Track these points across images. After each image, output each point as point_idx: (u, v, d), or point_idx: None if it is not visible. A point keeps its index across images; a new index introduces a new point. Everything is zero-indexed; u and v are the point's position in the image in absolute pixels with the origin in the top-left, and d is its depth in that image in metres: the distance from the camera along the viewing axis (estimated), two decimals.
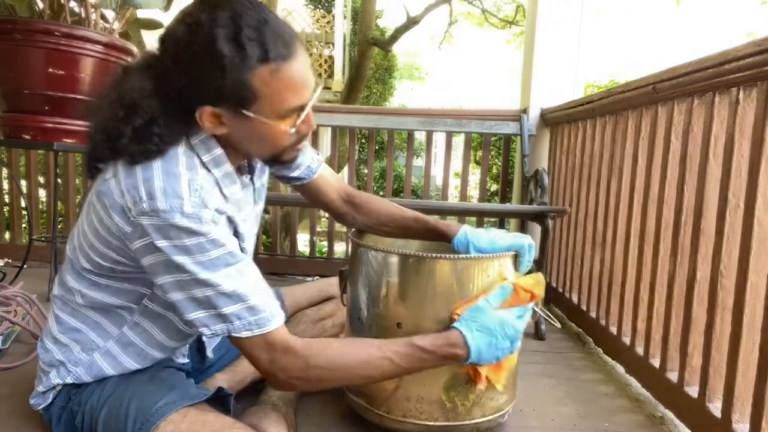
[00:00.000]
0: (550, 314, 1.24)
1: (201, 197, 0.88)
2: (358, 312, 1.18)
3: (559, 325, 1.25)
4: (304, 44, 0.91)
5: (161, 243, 0.86)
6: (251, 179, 1.06)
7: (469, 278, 1.09)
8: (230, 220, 0.95)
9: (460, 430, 1.15)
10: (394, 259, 1.12)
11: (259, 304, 0.90)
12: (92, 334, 1.02)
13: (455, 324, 1.02)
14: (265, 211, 1.38)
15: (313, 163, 1.21)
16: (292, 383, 0.94)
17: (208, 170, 0.94)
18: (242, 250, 0.99)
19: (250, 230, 1.07)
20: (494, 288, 1.06)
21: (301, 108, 0.90)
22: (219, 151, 0.95)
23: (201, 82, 0.84)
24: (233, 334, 0.90)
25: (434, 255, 1.10)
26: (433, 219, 1.27)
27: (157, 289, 0.94)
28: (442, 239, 1.23)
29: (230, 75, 0.82)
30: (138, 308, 1.02)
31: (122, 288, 1.00)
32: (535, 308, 1.16)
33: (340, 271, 1.29)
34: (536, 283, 1.08)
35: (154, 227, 0.86)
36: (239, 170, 1.03)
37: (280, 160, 0.99)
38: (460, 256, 1.11)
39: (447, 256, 1.09)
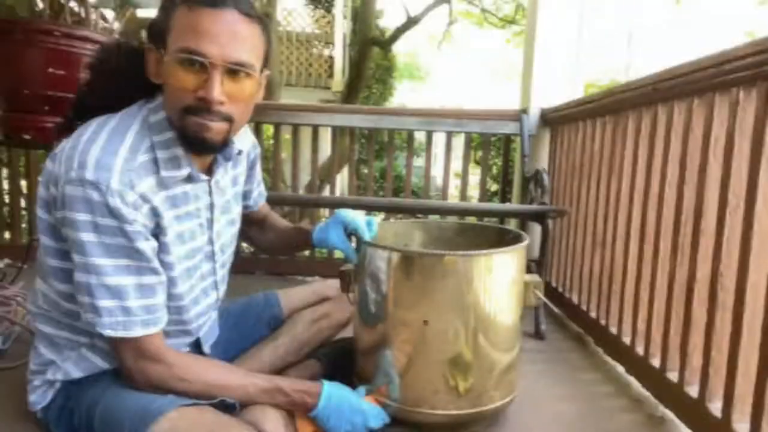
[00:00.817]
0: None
1: (130, 178, 0.90)
2: (375, 311, 1.20)
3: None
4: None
5: (76, 215, 0.88)
6: (209, 182, 1.07)
7: (482, 274, 1.15)
8: (155, 213, 0.95)
9: (484, 415, 1.21)
10: (423, 260, 1.16)
11: (135, 308, 0.92)
12: (67, 333, 1.03)
13: (325, 381, 1.11)
14: None
15: (260, 198, 1.34)
16: (148, 389, 0.97)
17: (154, 152, 0.96)
18: (164, 264, 0.98)
19: (188, 245, 1.04)
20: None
21: (197, 54, 0.89)
22: (171, 134, 0.97)
23: (152, 23, 0.96)
24: (97, 329, 0.92)
25: (454, 253, 1.14)
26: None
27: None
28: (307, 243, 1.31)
29: (162, 13, 0.93)
30: None
31: None
32: (537, 292, 1.24)
33: (340, 271, 1.29)
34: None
35: (74, 198, 0.88)
36: (208, 171, 1.07)
37: (187, 132, 0.94)
38: (477, 252, 1.16)
39: (464, 252, 1.14)
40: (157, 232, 0.96)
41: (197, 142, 0.96)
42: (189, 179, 1.02)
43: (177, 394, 0.97)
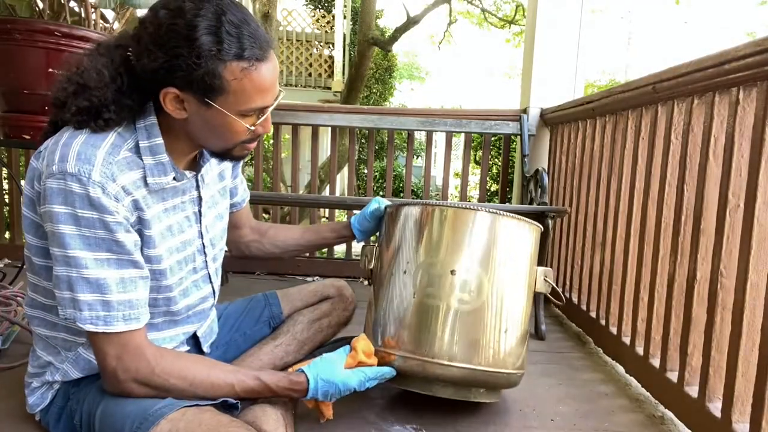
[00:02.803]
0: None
1: (111, 171, 0.90)
2: (402, 264, 1.24)
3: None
4: (277, 52, 0.98)
5: (57, 208, 0.87)
6: (196, 176, 1.07)
7: (508, 235, 1.24)
8: (136, 206, 0.94)
9: (496, 378, 1.23)
10: (457, 213, 1.22)
11: (116, 302, 0.91)
12: (63, 334, 1.02)
13: (305, 369, 1.09)
14: (266, 211, 1.41)
15: (245, 194, 1.33)
16: (131, 387, 0.95)
17: (139, 156, 0.95)
18: (150, 258, 0.97)
19: (178, 237, 1.05)
20: (339, 348, 1.19)
21: (263, 109, 0.95)
22: (159, 140, 0.96)
23: (175, 65, 0.87)
24: (78, 324, 0.90)
25: (486, 206, 1.26)
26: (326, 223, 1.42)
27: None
28: (346, 232, 1.39)
29: (204, 64, 0.86)
30: None
31: None
32: (548, 280, 1.29)
33: (363, 247, 1.38)
34: (369, 351, 1.20)
35: (55, 190, 0.87)
36: (192, 166, 1.06)
37: (230, 154, 1.03)
38: (506, 213, 1.23)
39: (495, 211, 1.23)
40: (140, 226, 0.96)
41: (235, 161, 1.09)
42: (175, 179, 1.02)
43: (161, 391, 0.96)
